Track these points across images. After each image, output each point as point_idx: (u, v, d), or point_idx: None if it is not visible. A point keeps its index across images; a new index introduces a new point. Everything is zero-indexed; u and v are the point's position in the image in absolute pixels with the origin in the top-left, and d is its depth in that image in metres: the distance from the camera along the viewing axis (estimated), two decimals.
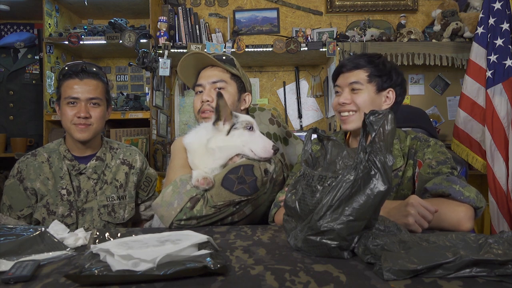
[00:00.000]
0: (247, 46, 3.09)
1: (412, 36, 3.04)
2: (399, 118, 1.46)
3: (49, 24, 3.07)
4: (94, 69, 1.60)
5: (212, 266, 0.68)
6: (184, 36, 3.20)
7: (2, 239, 0.87)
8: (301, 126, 3.51)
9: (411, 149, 1.35)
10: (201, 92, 1.47)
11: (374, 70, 1.35)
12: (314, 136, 0.99)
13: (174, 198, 1.19)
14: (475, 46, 2.74)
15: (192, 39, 3.20)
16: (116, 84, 3.59)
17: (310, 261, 0.79)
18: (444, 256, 0.69)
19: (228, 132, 1.28)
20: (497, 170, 2.61)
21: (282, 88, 3.55)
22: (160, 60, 2.96)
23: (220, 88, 1.45)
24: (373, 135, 0.81)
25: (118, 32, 3.01)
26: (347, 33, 3.23)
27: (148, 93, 3.12)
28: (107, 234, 0.96)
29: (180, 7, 3.24)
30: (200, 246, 0.78)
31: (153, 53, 2.97)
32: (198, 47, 3.00)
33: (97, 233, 0.96)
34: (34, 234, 0.91)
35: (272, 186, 1.36)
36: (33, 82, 3.28)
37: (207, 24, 3.28)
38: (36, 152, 1.63)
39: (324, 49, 3.04)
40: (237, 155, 1.28)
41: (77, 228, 1.55)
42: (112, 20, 3.06)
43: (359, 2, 3.49)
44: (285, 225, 0.95)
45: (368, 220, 0.82)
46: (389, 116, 0.82)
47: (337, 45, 3.02)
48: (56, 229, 0.98)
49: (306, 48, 3.05)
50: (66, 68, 1.59)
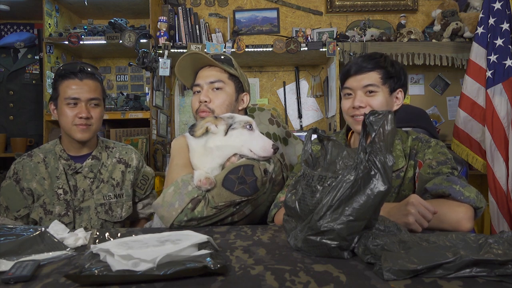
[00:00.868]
0: (247, 46, 3.08)
1: (412, 36, 3.04)
2: (400, 118, 1.45)
3: (49, 24, 3.07)
4: (90, 69, 1.60)
5: (212, 266, 0.68)
6: (184, 36, 3.20)
7: (2, 239, 0.87)
8: (301, 126, 3.51)
9: (413, 150, 1.35)
10: (199, 92, 1.47)
11: (386, 72, 1.32)
12: (314, 136, 0.99)
13: (175, 199, 1.18)
14: (475, 46, 2.74)
15: (192, 39, 3.20)
16: (116, 84, 3.58)
17: (310, 261, 0.79)
18: (444, 256, 0.69)
19: (226, 132, 1.28)
20: (497, 170, 2.61)
21: (282, 88, 3.55)
22: (160, 60, 2.96)
23: (218, 88, 1.45)
24: (373, 135, 0.81)
25: (118, 32, 3.01)
26: (347, 33, 3.23)
27: (148, 93, 3.11)
28: (107, 234, 0.96)
29: (180, 7, 3.24)
30: (200, 246, 0.78)
31: (153, 53, 2.97)
32: (198, 47, 3.00)
33: (97, 233, 0.97)
34: (34, 234, 0.91)
35: (272, 186, 1.36)
36: (33, 82, 3.28)
37: (207, 24, 3.28)
38: (32, 153, 1.63)
39: (324, 49, 3.04)
40: (234, 155, 1.28)
41: (75, 227, 1.56)
42: (112, 20, 3.06)
43: (359, 2, 3.49)
44: (285, 225, 0.95)
45: (368, 220, 0.82)
46: (389, 116, 0.82)
47: (337, 45, 3.01)
48: (56, 229, 0.98)
49: (306, 48, 3.05)
50: (63, 69, 1.58)
